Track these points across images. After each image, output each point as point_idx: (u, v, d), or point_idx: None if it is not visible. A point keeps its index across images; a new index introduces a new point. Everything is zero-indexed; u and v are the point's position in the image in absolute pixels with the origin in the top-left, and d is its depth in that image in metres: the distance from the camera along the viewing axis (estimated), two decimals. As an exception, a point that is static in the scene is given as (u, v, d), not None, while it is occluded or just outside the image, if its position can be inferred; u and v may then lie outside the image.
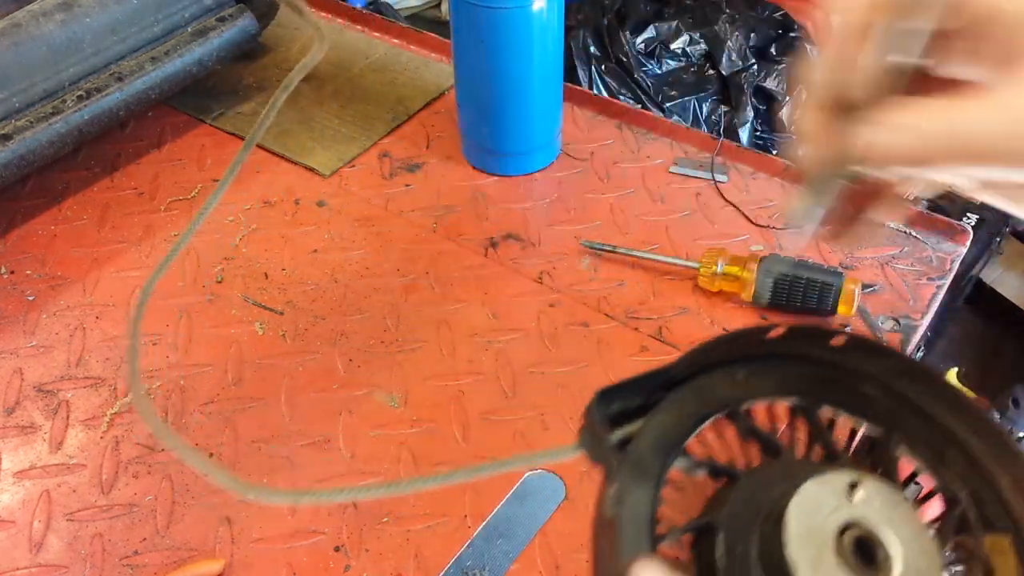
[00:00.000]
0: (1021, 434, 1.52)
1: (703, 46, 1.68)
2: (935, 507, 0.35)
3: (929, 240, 0.81)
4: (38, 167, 0.82)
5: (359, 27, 1.10)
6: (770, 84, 1.67)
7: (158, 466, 0.65)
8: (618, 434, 0.33)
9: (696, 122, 1.64)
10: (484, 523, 0.61)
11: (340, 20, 1.11)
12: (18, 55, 0.79)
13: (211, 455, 0.65)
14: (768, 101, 1.68)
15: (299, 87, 1.00)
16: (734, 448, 0.35)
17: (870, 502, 0.30)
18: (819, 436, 0.36)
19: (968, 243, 0.81)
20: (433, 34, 1.06)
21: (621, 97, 1.62)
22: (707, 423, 0.35)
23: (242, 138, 0.93)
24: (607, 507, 0.30)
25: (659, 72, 1.66)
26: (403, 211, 0.85)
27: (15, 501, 0.63)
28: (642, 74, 1.64)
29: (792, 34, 1.72)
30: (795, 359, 0.37)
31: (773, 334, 0.36)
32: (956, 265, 0.79)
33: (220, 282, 0.78)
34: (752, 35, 1.69)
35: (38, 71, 0.80)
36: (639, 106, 1.54)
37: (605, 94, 1.60)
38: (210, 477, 0.37)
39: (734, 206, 0.84)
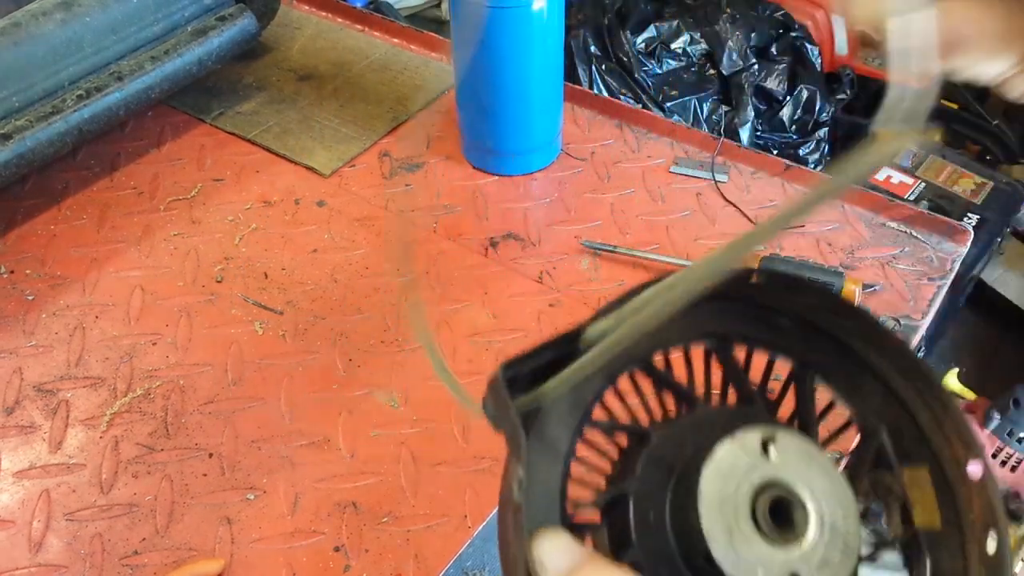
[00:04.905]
0: (1022, 434, 1.52)
1: (703, 46, 1.68)
2: (852, 440, 0.35)
3: (930, 240, 0.81)
4: (38, 166, 0.82)
5: (359, 27, 1.09)
6: (770, 84, 1.67)
7: (158, 466, 0.65)
8: (526, 399, 0.31)
9: (696, 122, 1.64)
10: (484, 523, 0.61)
11: (340, 20, 1.11)
12: (18, 55, 0.79)
13: (211, 455, 0.65)
14: (768, 101, 1.68)
15: (299, 87, 1.00)
16: (650, 401, 0.34)
17: (784, 458, 0.30)
18: (734, 377, 0.35)
19: (969, 243, 0.81)
20: (433, 34, 1.06)
21: (621, 97, 1.62)
22: (616, 381, 0.33)
23: (242, 138, 0.93)
24: (513, 491, 0.29)
25: (659, 72, 1.66)
26: (403, 211, 0.85)
27: (15, 501, 0.63)
28: (642, 74, 1.64)
29: (792, 34, 1.72)
30: (708, 299, 0.35)
31: None
32: (957, 265, 0.79)
33: (220, 282, 0.78)
34: (752, 35, 1.69)
35: (38, 70, 0.80)
36: (639, 106, 1.54)
37: (605, 94, 1.60)
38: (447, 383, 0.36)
39: (734, 206, 0.84)
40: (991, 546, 0.31)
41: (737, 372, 0.35)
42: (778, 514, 0.29)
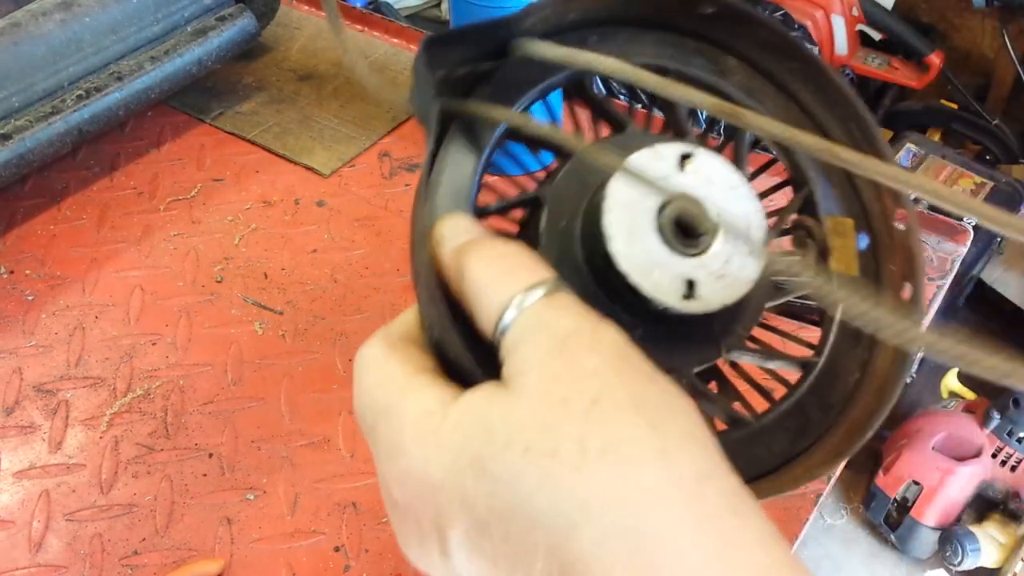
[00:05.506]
0: (1022, 434, 1.52)
1: (703, 46, 1.68)
2: (784, 192, 0.34)
3: (929, 240, 0.81)
4: (38, 167, 0.82)
5: (359, 27, 1.09)
6: (770, 84, 1.67)
7: (158, 466, 0.65)
8: (454, 104, 0.30)
9: (696, 122, 1.64)
10: (484, 523, 0.60)
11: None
12: (18, 54, 0.79)
13: (210, 455, 0.65)
14: (768, 101, 1.68)
15: (299, 87, 1.00)
16: (583, 124, 0.33)
17: (701, 175, 0.29)
18: (669, 117, 0.34)
19: (968, 243, 0.81)
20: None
21: (621, 97, 1.62)
22: (549, 90, 0.32)
23: (242, 138, 0.93)
24: (424, 171, 0.29)
25: (659, 72, 1.66)
26: (403, 211, 0.85)
27: (14, 501, 0.63)
28: (642, 74, 1.64)
29: (792, 34, 1.72)
30: (656, 27, 0.33)
31: None
32: (956, 265, 0.79)
33: (220, 282, 0.78)
34: (752, 35, 1.69)
35: (38, 70, 0.80)
36: (639, 106, 1.54)
37: (605, 93, 1.60)
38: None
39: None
40: (906, 294, 0.31)
41: (672, 107, 0.34)
42: (686, 228, 0.29)
